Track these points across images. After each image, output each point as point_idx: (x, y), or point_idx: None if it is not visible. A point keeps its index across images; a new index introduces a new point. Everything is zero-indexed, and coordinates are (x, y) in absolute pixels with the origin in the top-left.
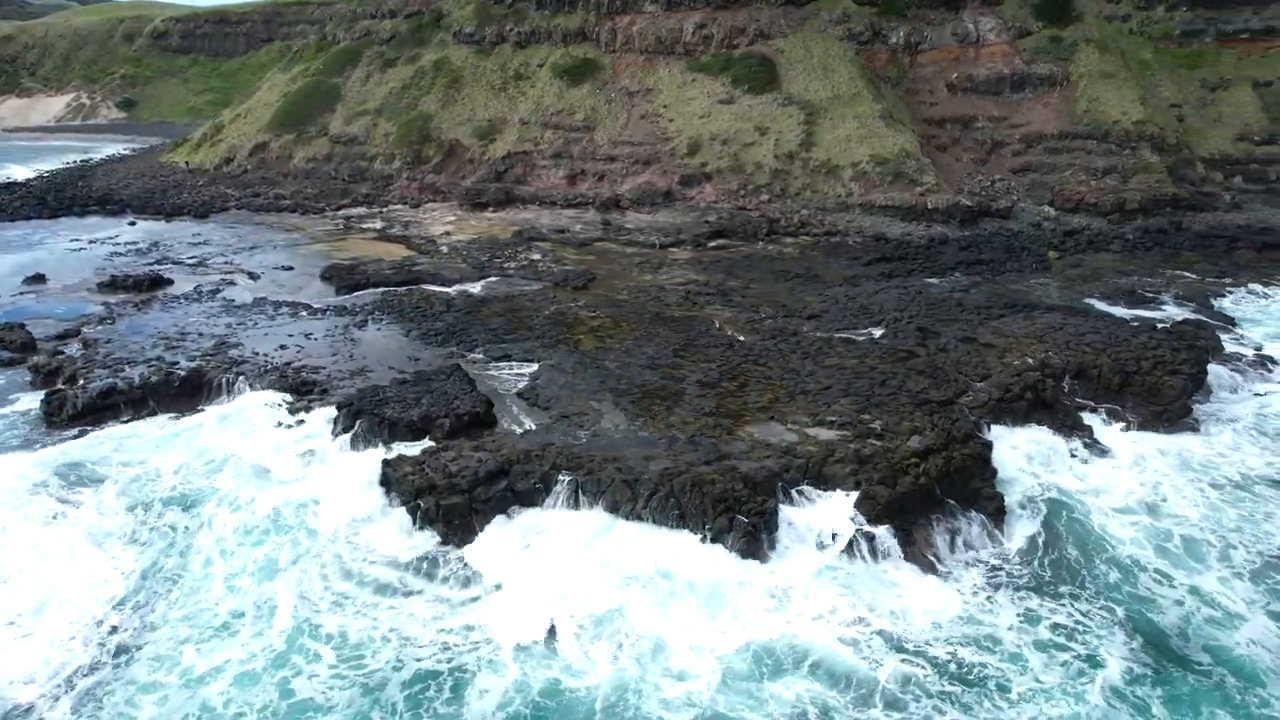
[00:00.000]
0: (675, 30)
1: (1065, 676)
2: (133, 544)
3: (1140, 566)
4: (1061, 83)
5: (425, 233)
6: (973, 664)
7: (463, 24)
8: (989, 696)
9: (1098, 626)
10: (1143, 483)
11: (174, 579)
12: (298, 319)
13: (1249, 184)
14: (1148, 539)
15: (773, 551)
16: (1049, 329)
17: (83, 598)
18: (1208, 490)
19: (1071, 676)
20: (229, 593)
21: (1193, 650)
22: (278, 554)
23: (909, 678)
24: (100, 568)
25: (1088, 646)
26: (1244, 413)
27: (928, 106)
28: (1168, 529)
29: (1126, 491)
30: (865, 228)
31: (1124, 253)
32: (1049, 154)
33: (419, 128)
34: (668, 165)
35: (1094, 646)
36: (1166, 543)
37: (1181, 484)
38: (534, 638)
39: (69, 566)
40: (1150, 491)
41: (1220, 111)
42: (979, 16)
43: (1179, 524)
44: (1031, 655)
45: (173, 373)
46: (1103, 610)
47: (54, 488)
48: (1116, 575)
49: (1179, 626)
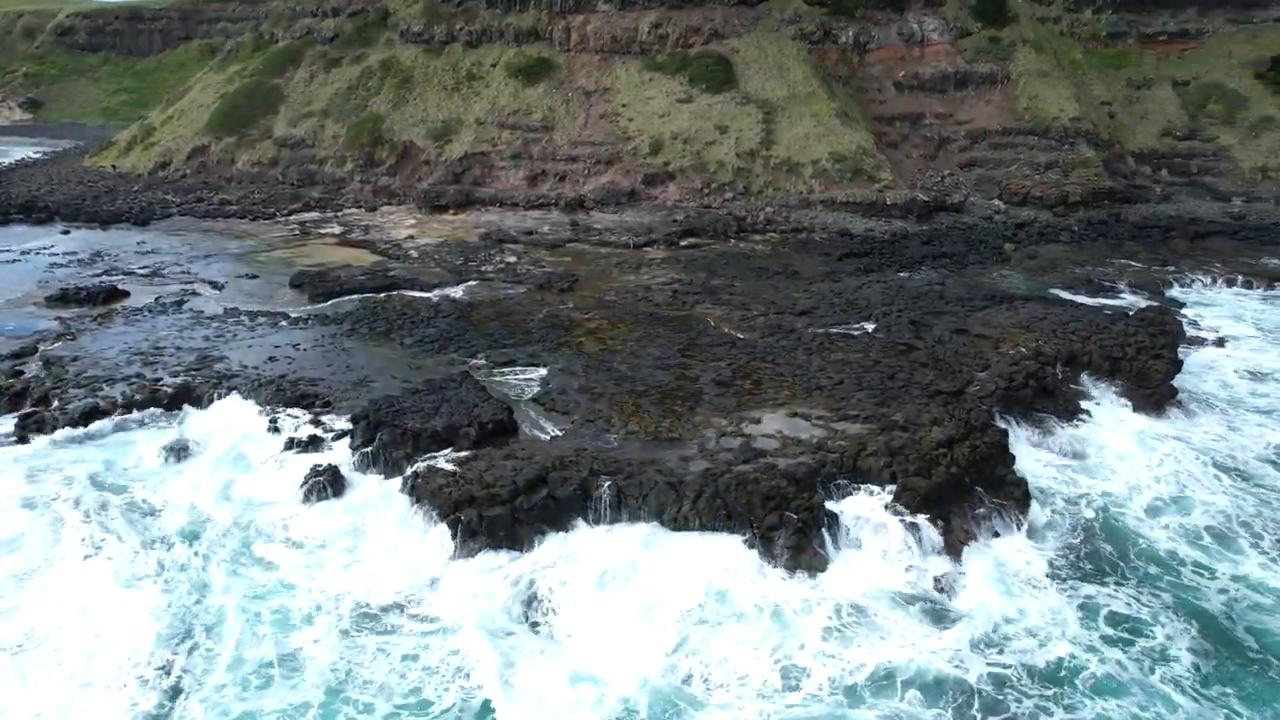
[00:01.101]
0: (631, 30)
1: (1140, 670)
2: (160, 583)
3: (1175, 555)
4: (1002, 81)
5: (388, 236)
6: (1053, 659)
7: (410, 23)
8: (1077, 691)
9: (1153, 615)
10: (1156, 467)
11: (211, 625)
12: (279, 329)
13: (1174, 177)
14: (1175, 525)
15: (825, 554)
16: (1033, 319)
17: (127, 644)
18: (1220, 474)
19: (1145, 669)
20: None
21: (1244, 636)
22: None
23: (1001, 679)
24: (135, 610)
25: (1152, 637)
26: (1218, 393)
27: (877, 104)
28: (1191, 512)
29: (1142, 475)
30: (829, 224)
31: (1072, 243)
32: (994, 149)
33: (370, 129)
34: (630, 165)
35: (1158, 636)
36: (1194, 527)
37: (1194, 469)
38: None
39: (106, 610)
40: (1167, 476)
41: (1145, 109)
42: (923, 17)
43: (1202, 508)
44: (1103, 648)
45: (159, 389)
46: (1152, 597)
47: (72, 521)
48: (1155, 565)
49: (1227, 612)
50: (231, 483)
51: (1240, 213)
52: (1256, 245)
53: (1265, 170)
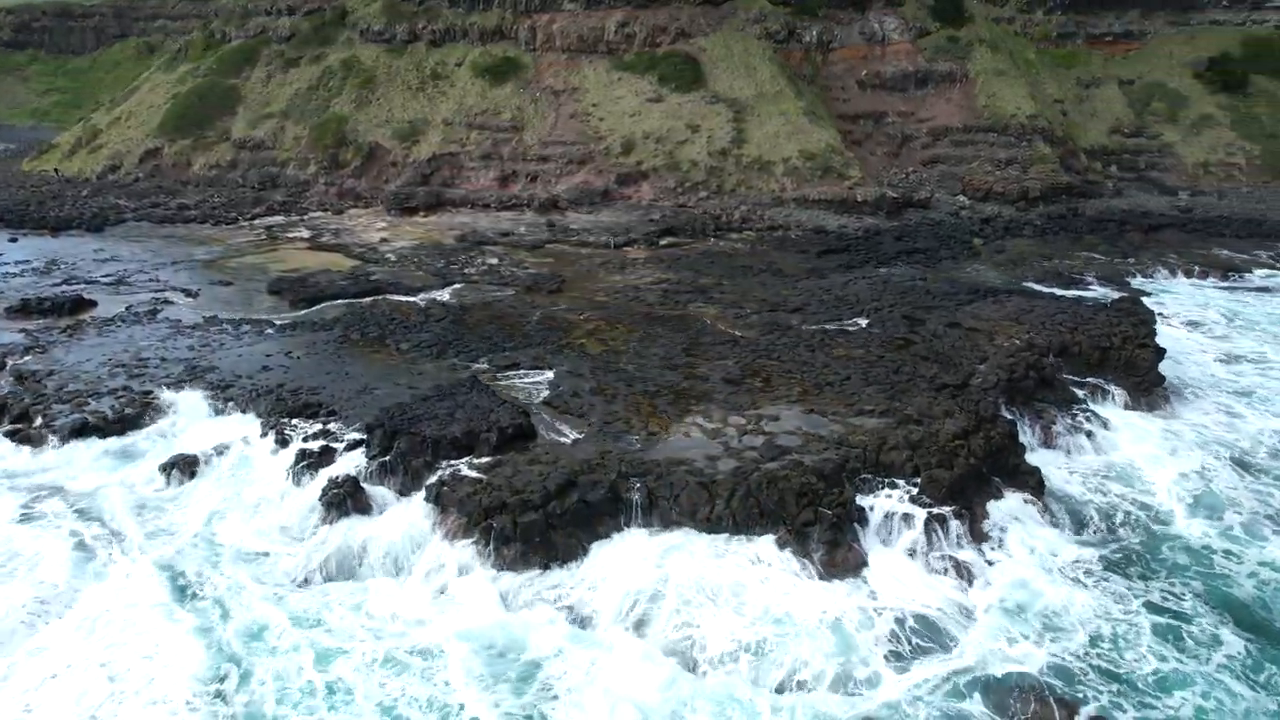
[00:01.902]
0: (598, 29)
1: (1196, 660)
2: (190, 613)
3: (1205, 545)
4: (961, 79)
5: (361, 240)
6: (1107, 650)
7: (370, 22)
8: (1140, 683)
9: (1193, 605)
10: (1168, 455)
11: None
12: (266, 338)
13: (1123, 172)
14: (1191, 509)
15: (860, 549)
16: (1020, 311)
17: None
18: (1234, 464)
19: (1201, 659)
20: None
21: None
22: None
23: (1064, 671)
24: (171, 642)
25: (1197, 626)
26: (1200, 378)
27: (841, 103)
28: (1206, 496)
29: (1153, 460)
30: (803, 221)
31: (1036, 237)
32: (955, 146)
33: (334, 130)
34: (602, 164)
35: (1203, 625)
36: (1210, 510)
37: (1200, 457)
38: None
39: (141, 641)
40: (1178, 461)
41: (1095, 107)
42: (883, 16)
43: (1219, 494)
44: (1154, 638)
45: (150, 401)
46: (1184, 586)
47: (95, 546)
48: (1185, 555)
49: (1262, 600)
50: (246, 501)
51: (1187, 206)
52: (1205, 237)
53: (1206, 166)
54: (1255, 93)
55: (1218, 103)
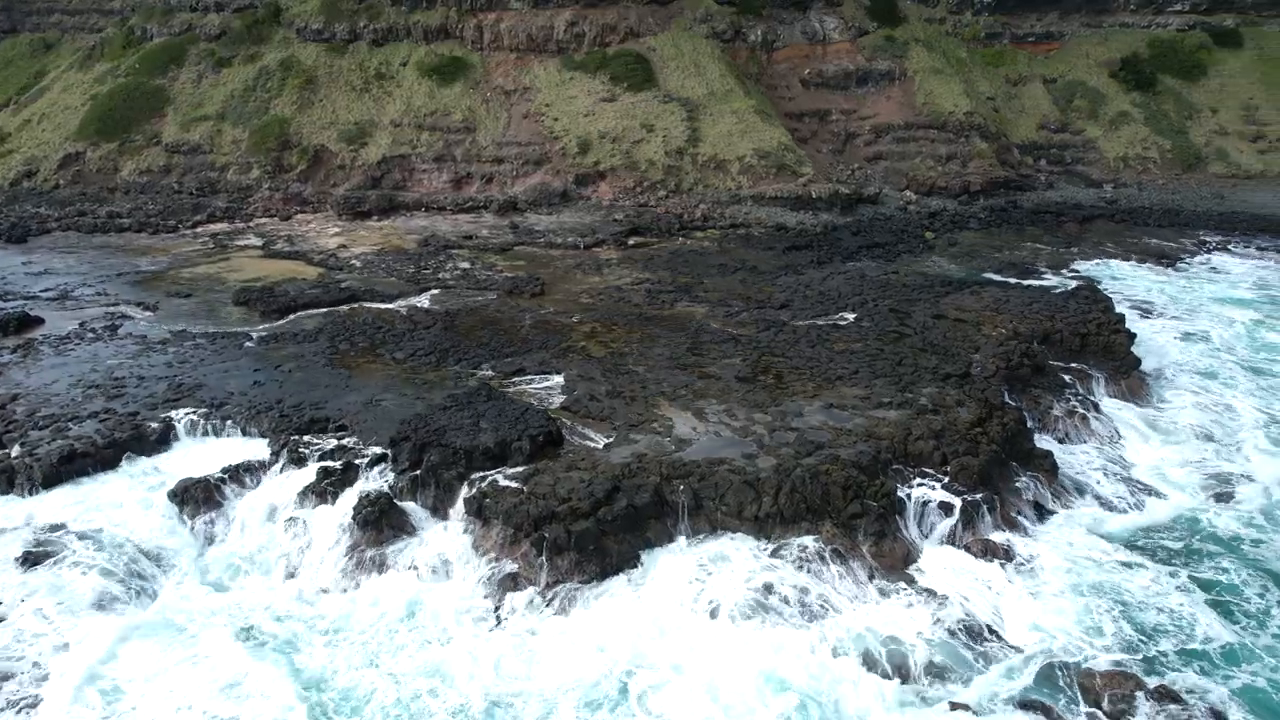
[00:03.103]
0: (546, 28)
1: (1257, 636)
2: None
3: (1223, 522)
4: (900, 78)
5: (318, 247)
6: (1168, 626)
7: (308, 20)
8: (1214, 658)
9: (1231, 581)
10: (1150, 432)
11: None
12: (247, 351)
13: (1051, 166)
14: (1197, 490)
15: (904, 538)
16: (998, 302)
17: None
18: (1217, 440)
19: (1265, 634)
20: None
21: None
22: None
23: (1132, 645)
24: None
25: (1248, 602)
26: (1166, 360)
27: (786, 101)
28: (1205, 475)
29: (1142, 439)
30: (763, 219)
31: (982, 230)
32: (898, 143)
33: (276, 133)
34: (560, 165)
35: (1254, 602)
36: (1217, 490)
37: (1189, 437)
38: None
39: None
40: (1169, 442)
41: (1023, 104)
42: (824, 16)
43: (1209, 469)
44: (1208, 613)
45: (142, 424)
46: (1218, 564)
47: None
48: (1208, 534)
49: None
50: (285, 534)
51: (1112, 198)
52: (1131, 226)
53: (1126, 160)
54: (1163, 91)
55: (1132, 100)
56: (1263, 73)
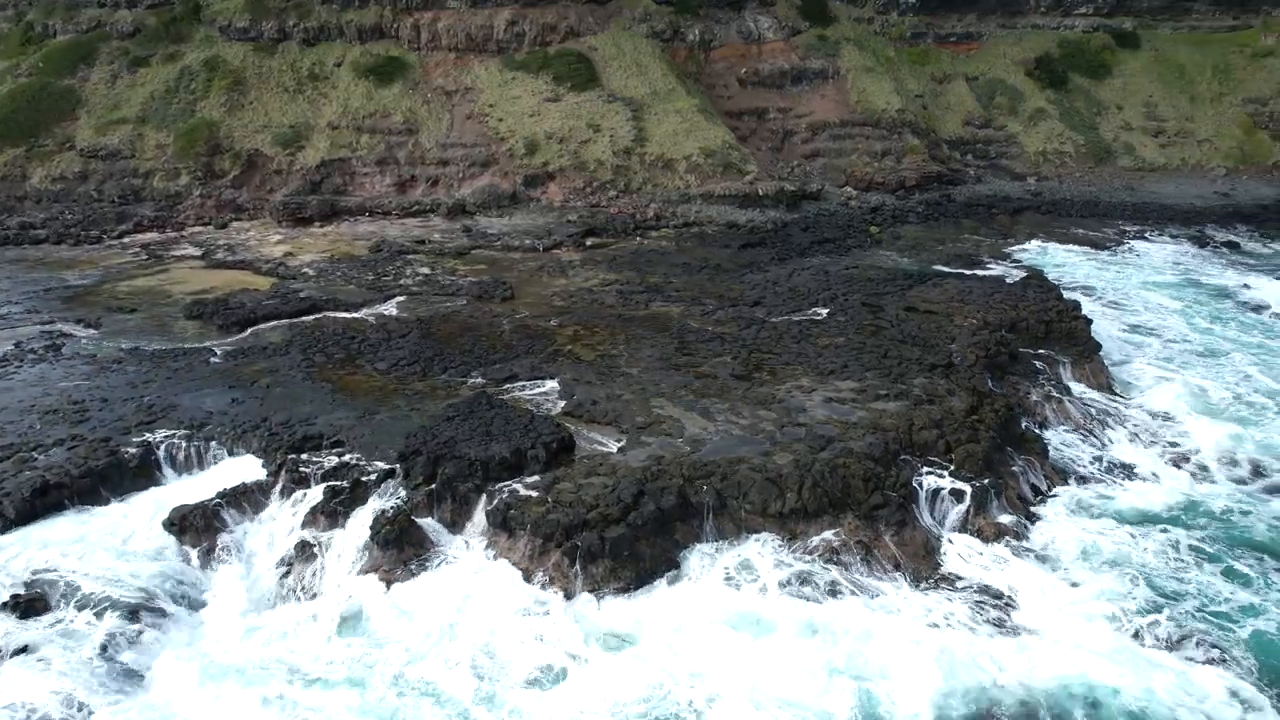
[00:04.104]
0: (486, 27)
1: (1257, 593)
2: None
3: (1210, 495)
4: (833, 76)
5: (263, 255)
6: (1182, 587)
7: (231, 18)
8: (1235, 616)
9: (1228, 548)
10: (1128, 412)
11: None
12: (214, 368)
13: (978, 160)
14: (1181, 465)
15: (923, 525)
16: (961, 293)
17: None
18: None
19: (1260, 592)
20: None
21: None
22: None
23: (1157, 605)
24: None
25: (1243, 564)
26: (1118, 344)
27: (725, 100)
28: (1184, 451)
29: (1118, 419)
30: (715, 217)
31: (921, 223)
32: (834, 140)
33: (204, 137)
34: (507, 166)
35: (1246, 564)
36: (1198, 464)
37: (1165, 414)
38: None
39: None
40: (1146, 421)
41: (948, 101)
42: (758, 16)
43: (1188, 446)
44: (1222, 580)
45: (119, 450)
46: (1213, 533)
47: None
48: (1198, 507)
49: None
50: (300, 559)
51: (1036, 190)
52: (1056, 217)
53: (1045, 154)
54: (1074, 89)
55: (1047, 98)
56: (1159, 72)
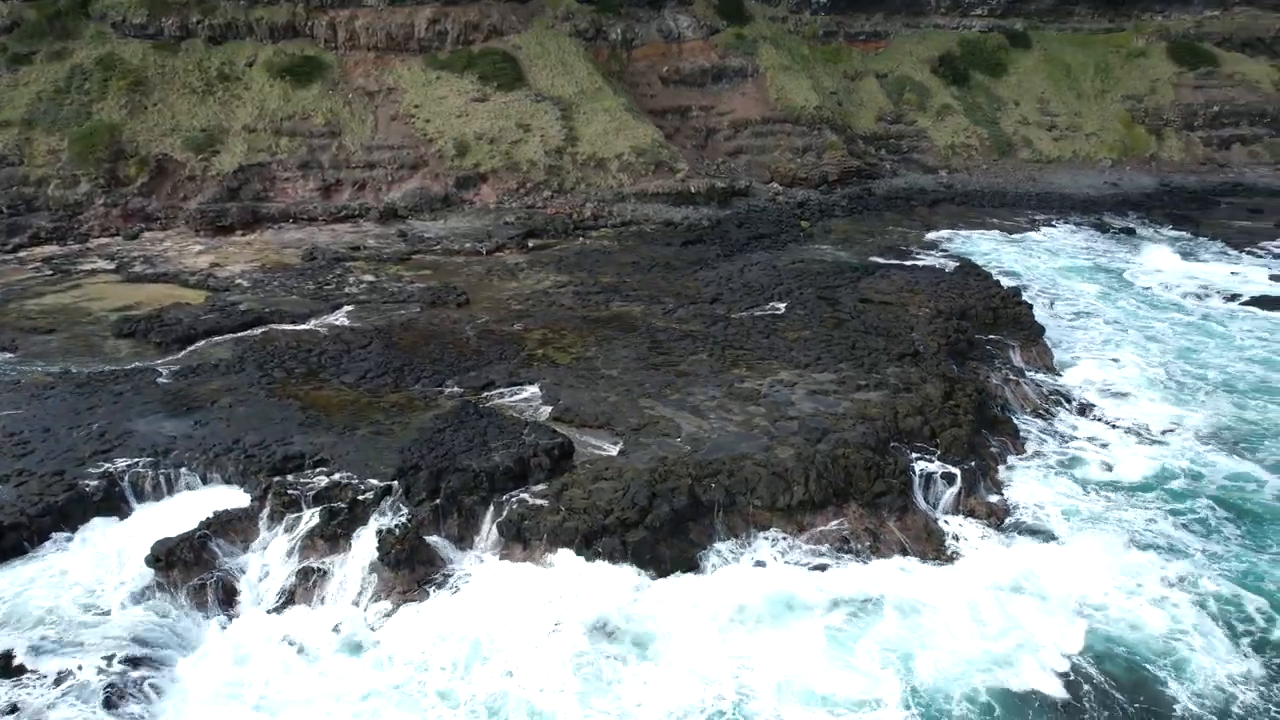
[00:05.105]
0: (406, 26)
1: (1243, 550)
2: None
3: (1179, 466)
4: (753, 74)
5: (187, 267)
6: (1183, 550)
7: (126, 13)
8: (1222, 567)
9: (1204, 513)
10: (1083, 393)
11: None
12: (164, 390)
13: (891, 155)
14: (1144, 442)
15: (922, 509)
16: (909, 283)
17: None
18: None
19: (1255, 549)
20: None
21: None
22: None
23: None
24: None
25: (1219, 525)
26: (1064, 321)
27: (649, 99)
28: (1141, 427)
29: (1076, 399)
30: (651, 215)
31: (847, 217)
32: (756, 137)
33: (105, 141)
34: (437, 168)
35: (1221, 526)
36: (1158, 439)
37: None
38: None
39: None
40: (1103, 401)
41: (861, 98)
42: (677, 15)
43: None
44: (1207, 537)
45: (76, 484)
46: (1185, 501)
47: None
48: (1170, 477)
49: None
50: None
51: (949, 183)
52: (970, 208)
53: (953, 147)
54: (975, 85)
55: (951, 94)
56: (1048, 71)
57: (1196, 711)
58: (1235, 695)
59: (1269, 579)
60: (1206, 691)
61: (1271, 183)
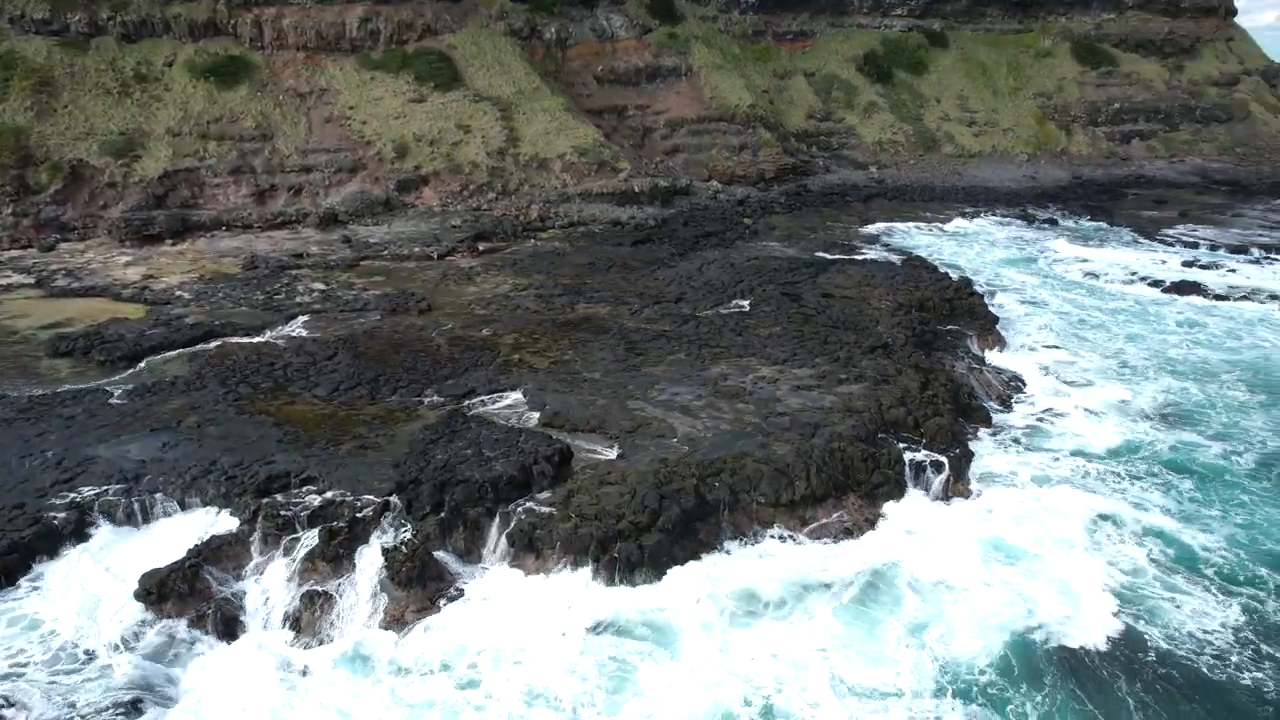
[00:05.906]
0: (337, 25)
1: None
2: None
3: (1136, 438)
4: (686, 74)
5: (117, 280)
6: (1173, 505)
7: (24, 7)
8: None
9: (1167, 474)
10: (1040, 377)
11: None
12: (121, 410)
13: (822, 151)
14: (1103, 417)
15: (913, 495)
16: (866, 277)
17: None
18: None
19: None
20: None
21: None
22: None
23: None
24: None
25: (1183, 483)
26: (1016, 310)
27: (585, 98)
28: (1097, 403)
29: (1034, 381)
30: (597, 215)
31: (787, 213)
32: (692, 136)
33: (10, 146)
34: (377, 171)
35: (1184, 486)
36: (1116, 412)
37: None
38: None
39: None
40: (1058, 384)
41: (791, 96)
42: (610, 14)
43: (1094, 396)
44: (1166, 499)
45: (42, 517)
46: (1146, 464)
47: None
48: (1136, 448)
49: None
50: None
51: (879, 178)
52: (902, 202)
53: (881, 144)
54: (898, 83)
55: (877, 91)
56: (966, 69)
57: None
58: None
59: (1216, 527)
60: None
61: (1168, 175)
